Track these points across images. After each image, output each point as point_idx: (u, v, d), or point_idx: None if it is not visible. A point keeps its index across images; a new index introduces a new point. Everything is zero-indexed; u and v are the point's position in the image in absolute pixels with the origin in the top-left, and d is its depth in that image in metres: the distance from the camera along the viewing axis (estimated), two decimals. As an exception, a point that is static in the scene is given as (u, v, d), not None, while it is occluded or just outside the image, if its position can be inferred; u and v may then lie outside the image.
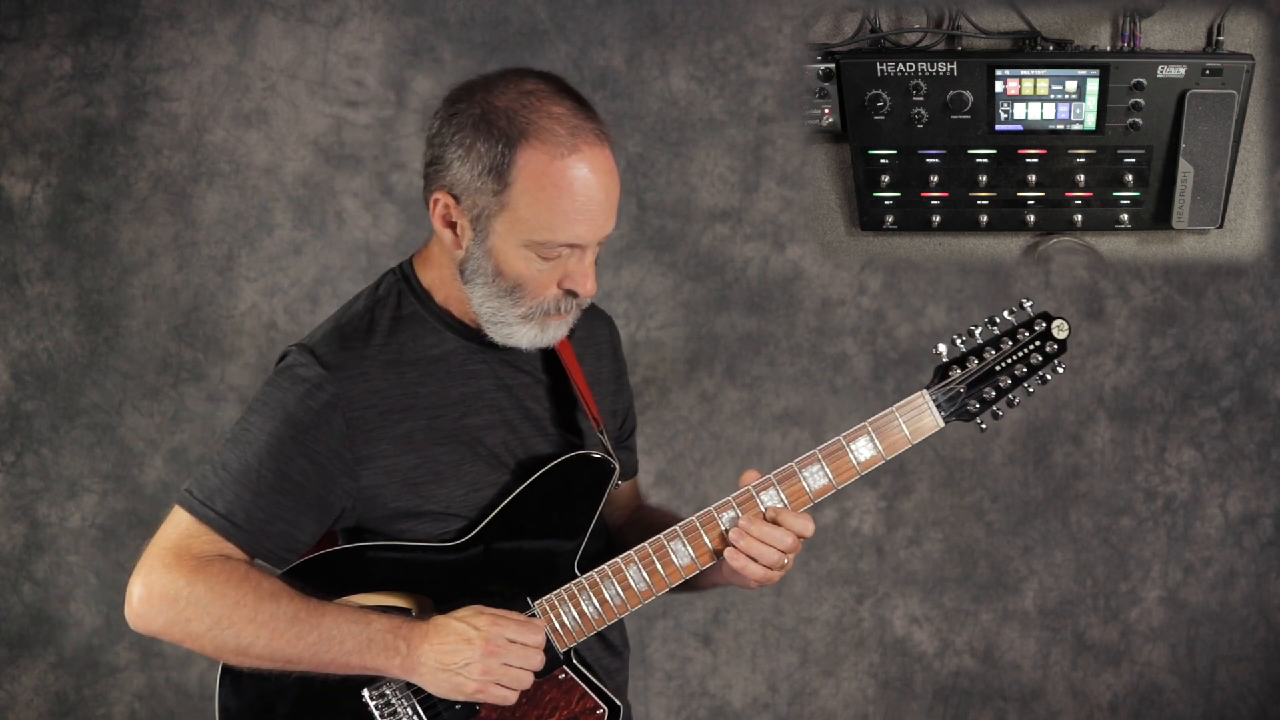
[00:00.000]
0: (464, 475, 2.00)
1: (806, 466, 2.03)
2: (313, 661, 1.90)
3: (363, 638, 1.89)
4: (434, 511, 1.99)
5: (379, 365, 1.96)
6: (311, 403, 1.92)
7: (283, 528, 1.92)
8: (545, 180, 1.87)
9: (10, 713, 3.52)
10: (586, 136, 1.90)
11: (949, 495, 3.75)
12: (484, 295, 1.95)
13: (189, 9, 3.47)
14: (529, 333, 1.97)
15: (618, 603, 2.00)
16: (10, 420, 3.49)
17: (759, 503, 2.03)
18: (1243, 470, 3.81)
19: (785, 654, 3.74)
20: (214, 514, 1.90)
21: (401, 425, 1.96)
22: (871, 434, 2.03)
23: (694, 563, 2.01)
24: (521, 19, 3.53)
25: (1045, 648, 3.81)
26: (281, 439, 1.91)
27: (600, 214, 1.91)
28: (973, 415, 2.05)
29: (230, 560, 1.90)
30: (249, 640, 1.88)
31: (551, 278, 1.93)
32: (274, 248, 3.52)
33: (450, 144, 1.92)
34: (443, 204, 1.94)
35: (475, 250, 1.93)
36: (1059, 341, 2.07)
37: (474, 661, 1.89)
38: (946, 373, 2.04)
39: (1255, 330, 3.76)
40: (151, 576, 1.89)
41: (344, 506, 1.96)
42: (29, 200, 3.47)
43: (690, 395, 3.65)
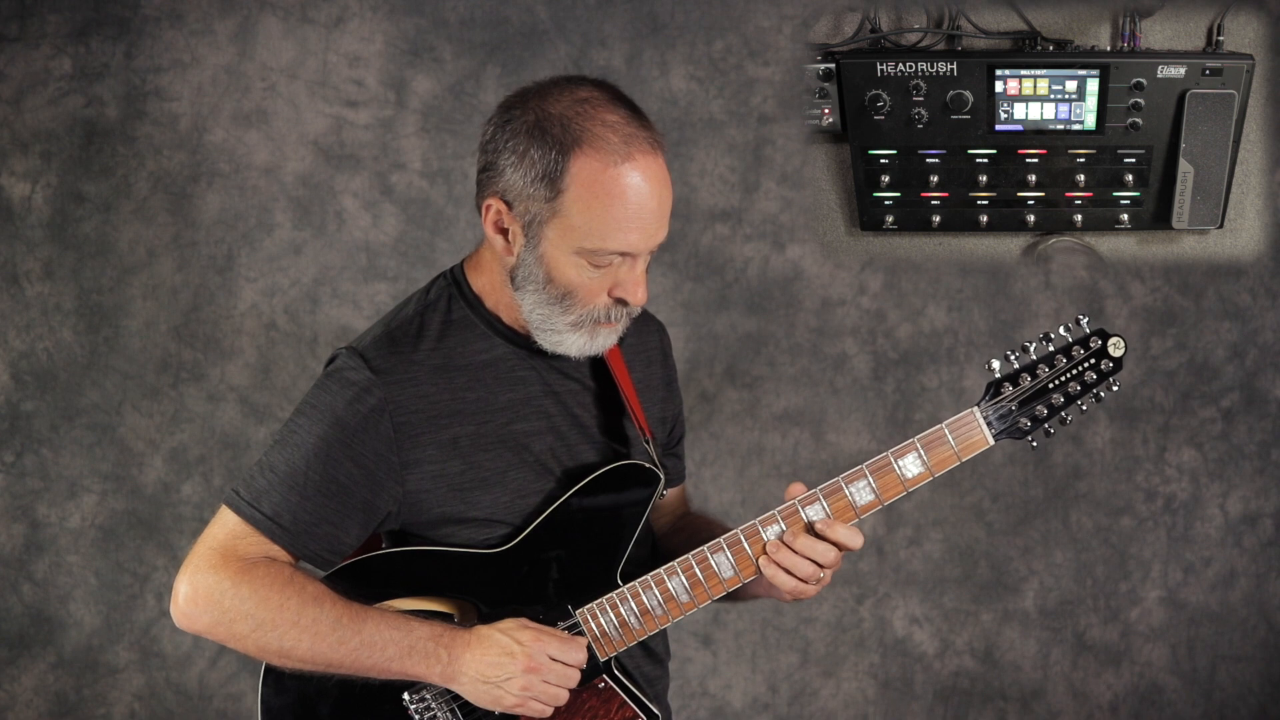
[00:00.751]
0: (510, 482, 2.00)
1: (853, 482, 2.00)
2: (354, 666, 1.91)
3: (404, 645, 1.91)
4: (479, 518, 1.99)
5: (428, 370, 1.97)
6: (360, 406, 1.92)
7: (328, 530, 1.93)
8: (598, 188, 1.87)
9: (10, 713, 3.52)
10: (640, 145, 1.89)
11: (949, 495, 3.75)
12: (534, 302, 1.95)
13: (189, 9, 3.47)
14: (578, 340, 1.96)
15: (659, 613, 2.00)
16: (10, 420, 3.49)
17: (803, 517, 2.00)
18: (1243, 470, 3.81)
19: (785, 654, 3.74)
20: (261, 515, 1.91)
21: (449, 430, 1.96)
22: (920, 450, 2.00)
23: (736, 575, 2.00)
24: (521, 19, 3.53)
25: (1045, 648, 3.81)
26: (329, 442, 1.92)
27: (653, 222, 1.91)
28: (1024, 433, 2.01)
29: (275, 563, 1.91)
30: (291, 643, 1.89)
31: (602, 286, 1.93)
32: (274, 248, 3.52)
33: (504, 150, 1.91)
34: (495, 209, 1.93)
35: (527, 257, 1.93)
36: (1114, 359, 2.04)
37: (515, 676, 1.91)
38: (999, 389, 2.01)
39: (1255, 330, 3.76)
40: (198, 576, 1.90)
41: (390, 510, 1.97)
42: (29, 200, 3.47)
43: (690, 395, 3.65)
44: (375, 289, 3.52)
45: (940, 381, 3.70)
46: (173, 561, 3.52)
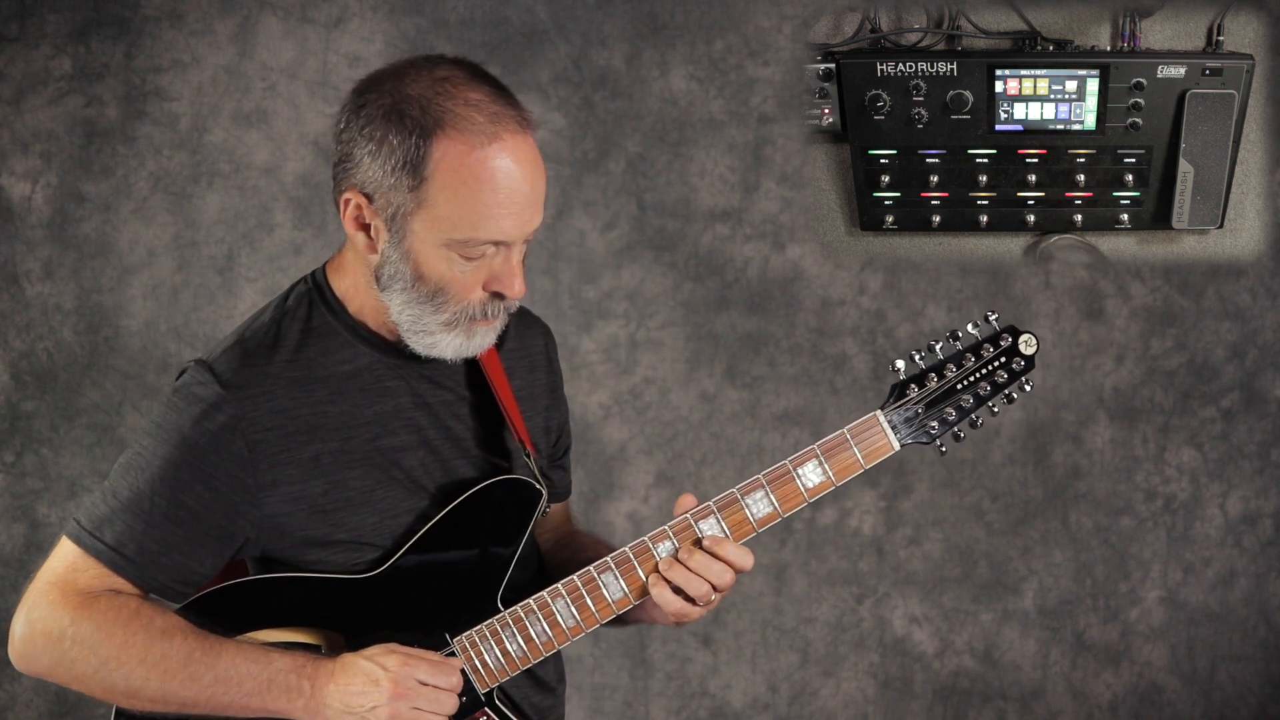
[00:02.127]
0: (378, 501, 1.85)
1: (750, 493, 1.88)
2: (210, 704, 1.76)
3: (263, 678, 1.76)
4: (346, 540, 1.84)
5: (284, 383, 1.81)
6: (208, 424, 1.77)
7: (178, 559, 1.77)
8: (465, 173, 1.72)
9: (10, 713, 3.52)
10: (508, 124, 1.75)
11: (949, 495, 3.75)
12: (403, 302, 1.80)
13: (189, 9, 3.47)
14: (454, 341, 1.82)
15: (544, 639, 1.85)
16: (10, 420, 3.49)
17: (696, 531, 1.86)
18: (1243, 470, 3.81)
19: (785, 654, 3.74)
20: (102, 546, 1.76)
21: (309, 448, 1.81)
22: (821, 458, 1.87)
23: (626, 597, 1.86)
24: (521, 19, 3.53)
25: (1045, 648, 3.80)
26: (176, 464, 1.77)
27: (526, 207, 1.76)
28: (933, 437, 1.88)
29: (120, 595, 1.76)
30: (140, 682, 1.74)
31: (476, 279, 1.79)
32: (274, 248, 3.52)
33: (359, 138, 1.76)
34: (354, 204, 1.79)
35: (391, 253, 1.78)
36: (1026, 357, 1.88)
37: (381, 705, 1.75)
38: (904, 391, 1.87)
39: (1255, 330, 3.76)
40: (35, 614, 1.76)
41: (247, 536, 1.82)
42: (29, 200, 3.47)
43: (690, 395, 3.65)
44: (375, 289, 3.52)
45: (940, 381, 3.70)
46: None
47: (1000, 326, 1.88)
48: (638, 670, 3.67)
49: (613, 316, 3.62)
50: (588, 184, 3.58)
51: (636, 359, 3.62)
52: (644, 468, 3.64)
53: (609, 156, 3.58)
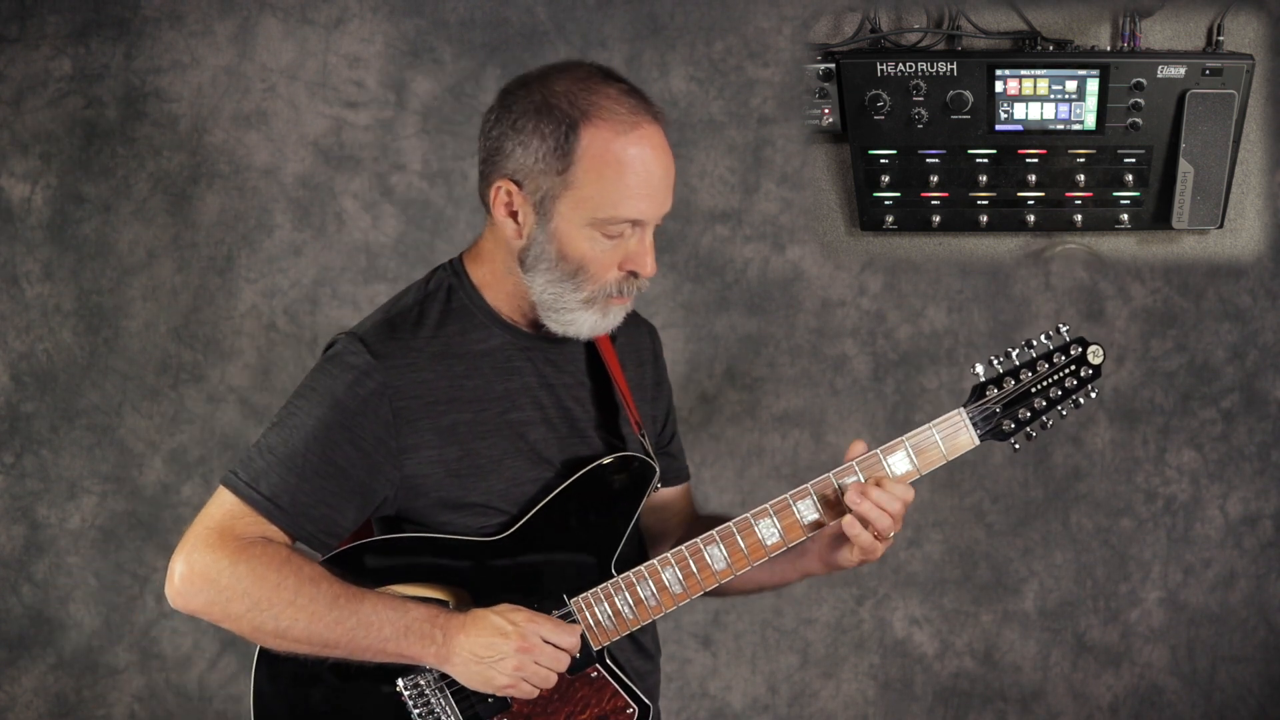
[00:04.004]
0: (506, 469, 2.02)
1: (844, 477, 2.04)
2: (349, 646, 1.91)
3: (400, 625, 1.91)
4: (476, 504, 2.01)
5: (427, 356, 1.99)
6: (359, 389, 1.94)
7: (325, 512, 1.94)
8: (609, 156, 1.91)
9: (10, 714, 3.51)
10: (645, 115, 1.95)
11: (949, 496, 3.75)
12: (546, 281, 1.97)
13: (189, 10, 3.47)
14: (590, 318, 2.00)
15: (653, 603, 2.03)
16: (10, 421, 3.49)
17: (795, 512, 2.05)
18: (1243, 471, 3.81)
19: (785, 655, 3.74)
20: (259, 495, 1.92)
21: (447, 417, 1.98)
22: (909, 449, 2.05)
23: (728, 567, 2.03)
24: (521, 20, 3.53)
25: (1045, 649, 3.80)
26: (328, 424, 1.93)
27: (661, 189, 1.95)
28: (1007, 435, 2.08)
29: (272, 543, 1.92)
30: (288, 623, 1.89)
31: (614, 259, 1.97)
32: (274, 249, 3.52)
33: (509, 132, 1.95)
34: (505, 191, 1.97)
35: (538, 235, 1.96)
36: (1094, 367, 2.10)
37: (507, 656, 1.91)
38: (984, 392, 2.07)
39: (1255, 331, 3.76)
40: (194, 555, 1.90)
41: (387, 494, 1.98)
42: (29, 201, 3.47)
43: (690, 396, 3.65)
44: (375, 290, 3.52)
45: (940, 383, 3.70)
46: (172, 563, 3.52)
47: (1070, 337, 2.09)
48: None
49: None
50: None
51: (636, 360, 3.62)
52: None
53: (609, 157, 3.57)
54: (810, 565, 2.12)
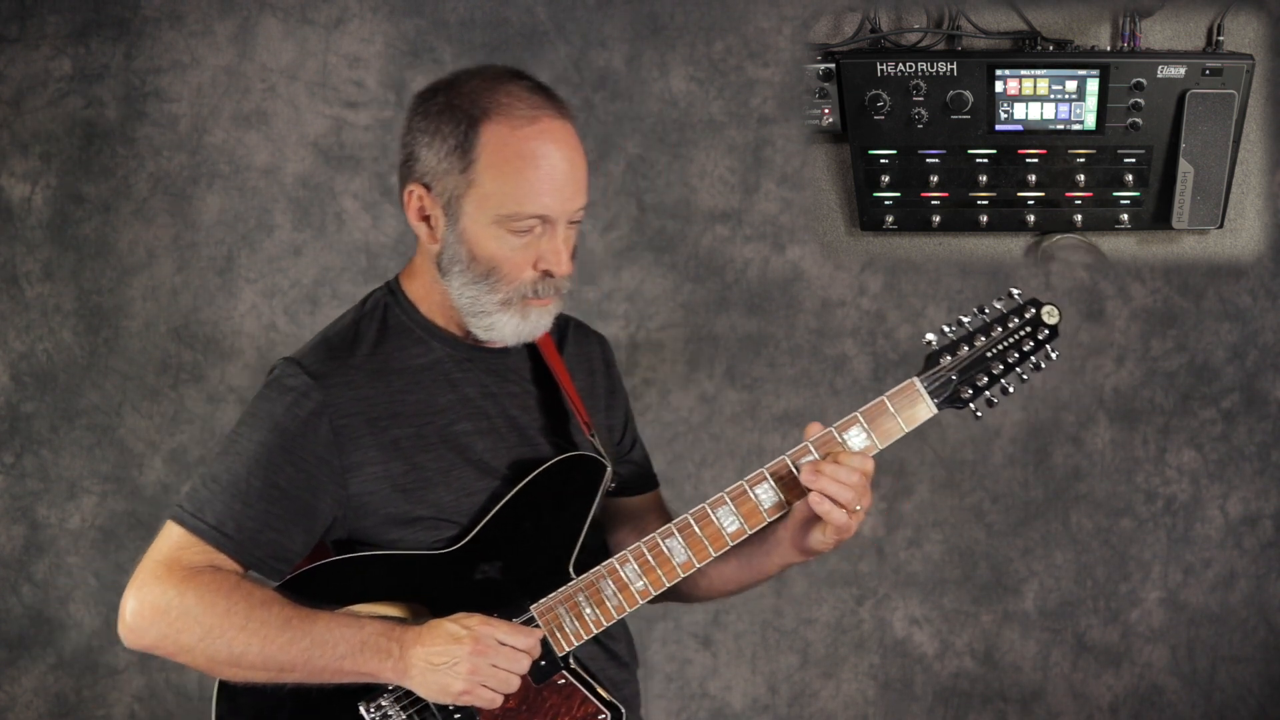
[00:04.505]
0: (453, 481, 2.00)
1: (800, 458, 2.00)
2: (306, 668, 1.89)
3: (355, 641, 1.89)
4: (426, 517, 1.98)
5: (365, 374, 1.98)
6: (299, 411, 1.93)
7: (273, 536, 1.92)
8: (508, 151, 1.90)
9: (10, 714, 3.52)
10: (546, 109, 1.93)
11: (949, 496, 3.74)
12: (462, 284, 1.96)
13: (189, 10, 3.47)
14: (510, 322, 1.97)
15: (615, 602, 1.99)
16: (10, 421, 3.49)
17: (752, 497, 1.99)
18: (1243, 471, 3.81)
19: (785, 655, 3.74)
20: (204, 525, 1.90)
21: (389, 432, 1.97)
22: (863, 423, 2.00)
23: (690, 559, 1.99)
24: (521, 20, 3.53)
25: (1045, 649, 3.80)
26: (270, 448, 1.92)
27: (566, 184, 1.93)
28: (966, 402, 2.02)
29: (221, 570, 1.90)
30: (241, 649, 1.87)
31: (526, 258, 1.95)
32: (274, 249, 3.52)
33: (418, 135, 1.96)
34: (416, 196, 1.97)
35: (449, 237, 1.95)
36: (1050, 327, 2.03)
37: (462, 660, 1.88)
38: (937, 360, 2.02)
39: (1255, 331, 3.76)
40: (143, 590, 1.88)
41: (335, 515, 1.97)
42: (29, 201, 3.47)
43: (690, 396, 3.65)
44: (375, 290, 3.52)
45: (940, 382, 3.70)
46: (172, 563, 3.52)
47: (1023, 300, 2.04)
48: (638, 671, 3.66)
49: (613, 317, 3.62)
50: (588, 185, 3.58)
51: (637, 360, 3.62)
52: (644, 469, 3.64)
53: (609, 157, 3.58)
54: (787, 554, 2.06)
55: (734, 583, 2.15)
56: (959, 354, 2.02)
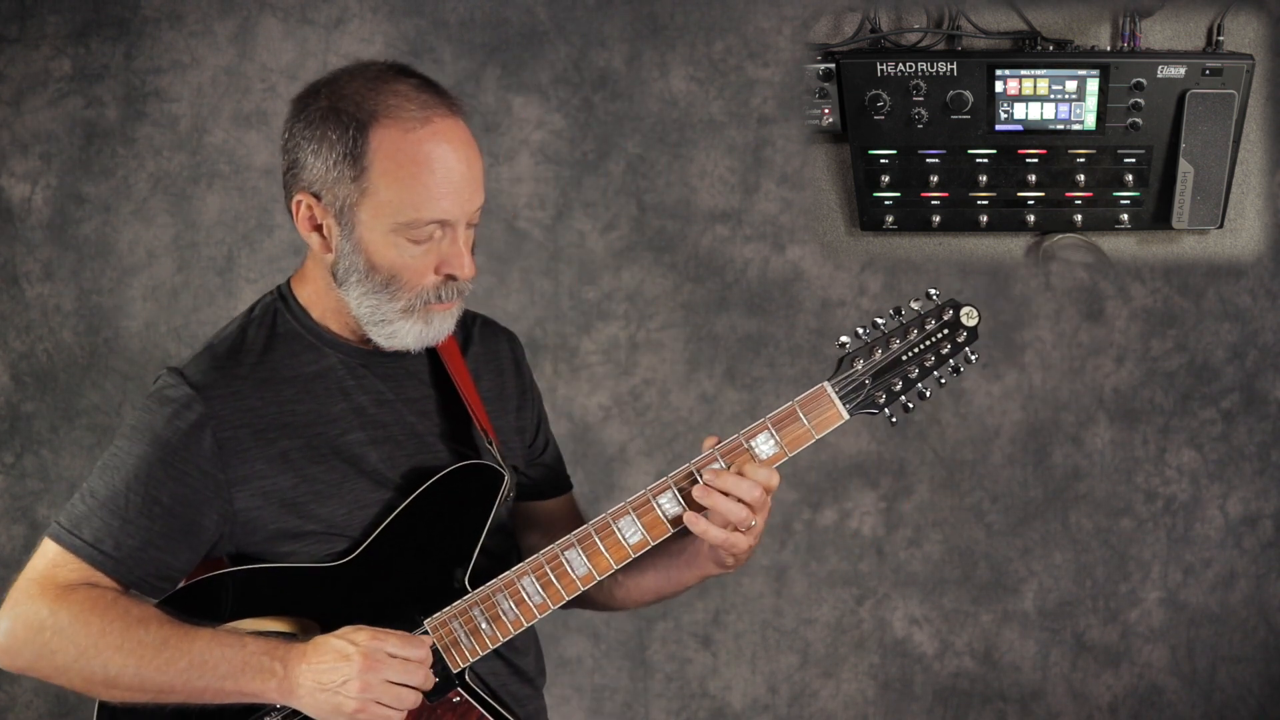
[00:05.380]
0: (346, 493, 1.92)
1: (705, 465, 1.93)
2: (186, 690, 1.81)
3: (237, 661, 1.80)
4: (316, 531, 1.90)
5: (252, 384, 1.89)
6: (179, 423, 1.85)
7: (154, 554, 1.84)
8: (402, 156, 1.81)
9: (10, 714, 3.52)
10: (438, 109, 1.84)
11: (949, 496, 3.75)
12: (360, 294, 1.88)
13: (189, 10, 3.47)
14: (413, 328, 1.89)
15: (511, 617, 1.91)
16: (10, 421, 3.49)
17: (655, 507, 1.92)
18: (1243, 471, 3.81)
19: (785, 655, 3.74)
20: (80, 542, 1.83)
21: (277, 444, 1.88)
22: (772, 429, 1.93)
23: (590, 572, 1.91)
24: (521, 20, 3.53)
25: (1045, 649, 3.80)
26: (149, 462, 1.84)
27: (464, 186, 1.84)
28: (880, 407, 1.96)
29: (96, 588, 1.82)
30: (117, 669, 1.79)
31: (426, 264, 1.86)
32: (274, 249, 3.52)
33: (302, 142, 1.86)
34: (305, 205, 1.87)
35: (344, 247, 1.86)
36: (969, 329, 1.96)
37: (352, 678, 1.80)
38: (851, 364, 1.95)
39: (1255, 331, 3.76)
40: (17, 609, 1.81)
41: (221, 531, 1.88)
42: (29, 201, 3.47)
43: (690, 396, 3.65)
44: (375, 290, 3.52)
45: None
46: (172, 563, 3.52)
47: (941, 300, 1.96)
48: (637, 671, 3.66)
49: (613, 317, 3.62)
50: (587, 185, 3.58)
51: (636, 360, 3.62)
52: (644, 469, 3.64)
53: (609, 158, 3.58)
54: (705, 566, 2.00)
55: (652, 593, 2.09)
56: (873, 357, 1.95)
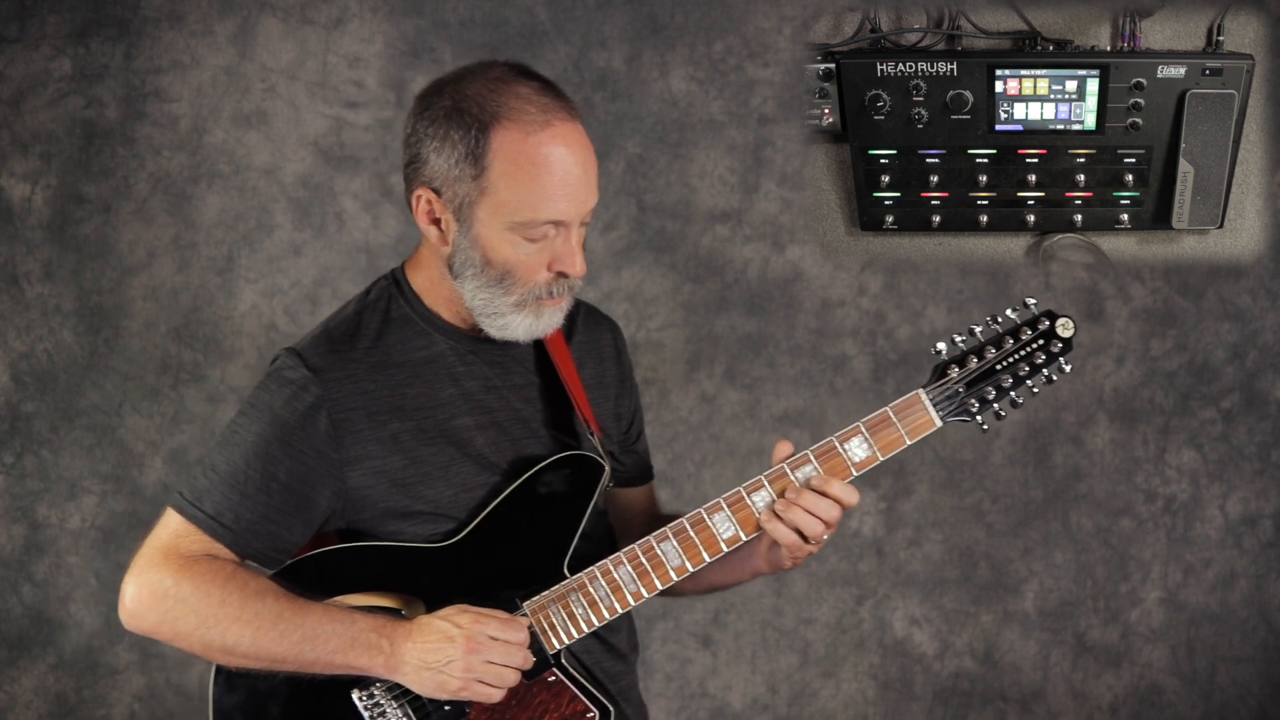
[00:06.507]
0: (453, 476, 1.99)
1: (799, 467, 1.99)
2: (298, 660, 1.90)
3: (346, 636, 1.90)
4: (424, 512, 1.98)
5: (366, 367, 1.97)
6: (297, 404, 1.93)
7: (271, 528, 1.93)
8: (521, 158, 1.88)
9: (10, 714, 3.52)
10: (558, 113, 1.90)
11: (949, 496, 3.75)
12: (475, 287, 1.95)
13: (189, 10, 3.47)
14: (524, 322, 1.96)
15: (607, 603, 1.99)
16: (10, 421, 3.49)
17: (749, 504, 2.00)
18: (1243, 471, 3.81)
19: (785, 655, 3.74)
20: (202, 514, 1.92)
21: (389, 426, 1.97)
22: (866, 434, 1.98)
23: (684, 563, 1.99)
24: (521, 20, 3.53)
25: (1045, 649, 3.80)
26: (268, 440, 1.93)
27: (580, 188, 1.91)
28: (973, 414, 1.99)
29: (217, 560, 1.91)
30: (234, 639, 1.89)
31: (540, 261, 1.93)
32: (274, 249, 3.52)
33: (425, 139, 1.93)
34: (425, 200, 1.94)
35: (461, 241, 1.93)
36: (1064, 340, 2.00)
37: (456, 659, 1.89)
38: (945, 371, 1.99)
39: (1255, 331, 3.76)
40: (142, 576, 1.91)
41: (334, 508, 1.97)
42: (29, 201, 3.47)
43: (690, 396, 3.65)
44: (375, 290, 3.52)
45: (940, 382, 3.70)
46: (172, 563, 3.52)
47: (1038, 311, 2.01)
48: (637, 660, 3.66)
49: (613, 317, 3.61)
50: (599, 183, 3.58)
51: (637, 360, 3.62)
52: (644, 469, 3.64)
53: (609, 157, 3.58)
54: (758, 564, 2.08)
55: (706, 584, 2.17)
56: (968, 366, 1.99)
